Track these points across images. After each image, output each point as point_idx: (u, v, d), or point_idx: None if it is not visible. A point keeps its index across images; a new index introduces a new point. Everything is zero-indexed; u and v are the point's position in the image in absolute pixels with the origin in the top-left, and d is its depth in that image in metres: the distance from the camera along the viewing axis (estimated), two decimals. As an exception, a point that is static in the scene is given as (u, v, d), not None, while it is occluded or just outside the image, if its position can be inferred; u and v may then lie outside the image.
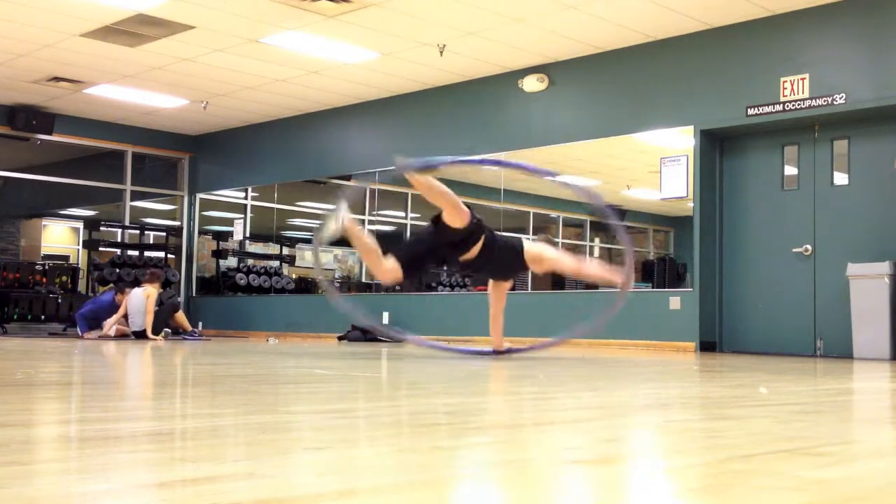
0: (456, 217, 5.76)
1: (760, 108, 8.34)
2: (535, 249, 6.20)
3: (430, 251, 6.03)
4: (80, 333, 10.37)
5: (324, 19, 8.62)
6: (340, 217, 5.83)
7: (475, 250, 5.91)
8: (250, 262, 13.48)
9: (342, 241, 6.51)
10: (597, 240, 10.40)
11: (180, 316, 10.56)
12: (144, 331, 10.13)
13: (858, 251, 7.82)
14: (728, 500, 1.33)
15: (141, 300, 10.19)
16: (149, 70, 10.56)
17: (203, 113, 12.42)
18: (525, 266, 6.27)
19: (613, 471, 1.64)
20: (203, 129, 13.67)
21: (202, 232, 14.12)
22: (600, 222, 10.65)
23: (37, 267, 12.53)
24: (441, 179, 6.10)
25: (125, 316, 10.35)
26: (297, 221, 14.96)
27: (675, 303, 8.78)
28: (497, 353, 6.53)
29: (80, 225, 16.45)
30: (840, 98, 7.90)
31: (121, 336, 10.32)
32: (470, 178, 11.41)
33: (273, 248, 13.94)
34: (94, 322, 10.56)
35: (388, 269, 5.87)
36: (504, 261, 6.16)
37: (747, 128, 8.60)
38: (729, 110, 8.57)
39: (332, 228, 5.85)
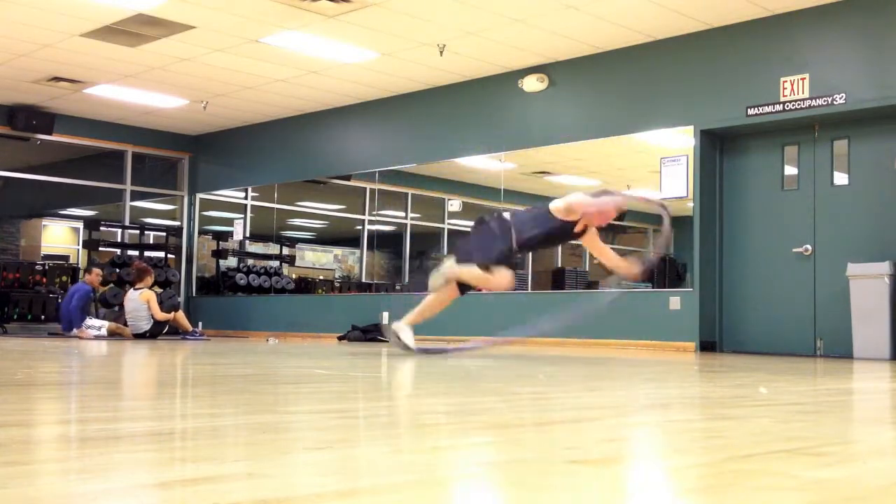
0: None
1: (760, 108, 8.34)
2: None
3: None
4: (76, 329, 10.33)
5: (324, 19, 8.62)
6: (444, 271, 6.06)
7: None
8: (250, 262, 13.48)
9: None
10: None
11: (180, 316, 10.55)
12: (146, 333, 10.14)
13: (858, 251, 7.82)
14: (728, 500, 1.33)
15: (137, 305, 10.16)
16: (149, 70, 10.56)
17: (203, 113, 12.42)
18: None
19: (613, 471, 1.64)
20: (203, 129, 13.67)
21: (202, 232, 14.12)
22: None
23: (37, 267, 12.52)
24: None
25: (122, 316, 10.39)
26: (297, 221, 14.97)
27: (675, 303, 8.78)
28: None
29: (80, 225, 16.43)
30: (840, 98, 7.90)
31: (115, 335, 10.31)
32: (467, 178, 11.42)
33: (273, 248, 13.94)
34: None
35: (505, 276, 6.05)
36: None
37: (747, 128, 8.59)
38: (729, 110, 8.56)
39: (438, 281, 6.11)
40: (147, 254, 13.23)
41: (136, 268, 10.53)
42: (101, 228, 13.56)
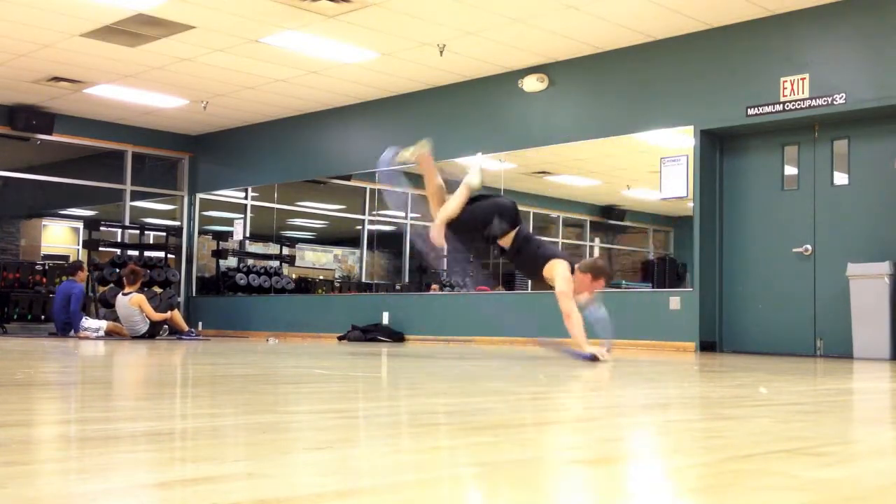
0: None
1: (760, 108, 8.34)
2: (550, 275, 6.21)
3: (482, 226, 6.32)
4: (77, 331, 10.35)
5: (324, 19, 8.62)
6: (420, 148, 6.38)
7: (508, 240, 6.30)
8: (250, 262, 13.48)
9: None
10: (597, 239, 10.40)
11: (176, 315, 10.54)
12: (145, 335, 10.13)
13: (858, 251, 7.82)
14: (728, 500, 1.33)
15: (130, 311, 10.14)
16: (149, 70, 10.56)
17: (203, 113, 12.42)
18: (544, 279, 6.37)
19: (613, 471, 1.64)
20: (203, 129, 13.67)
21: (202, 232, 14.12)
22: (601, 222, 10.65)
23: (37, 267, 12.51)
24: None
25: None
26: (297, 221, 14.97)
27: (675, 303, 8.77)
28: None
29: (80, 225, 16.44)
30: (840, 98, 7.90)
31: (112, 335, 10.31)
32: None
33: (273, 248, 13.94)
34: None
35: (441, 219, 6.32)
36: (525, 264, 6.56)
37: (747, 128, 8.59)
38: (729, 110, 8.56)
39: (408, 154, 6.48)
40: (147, 254, 13.23)
41: (130, 269, 10.50)
42: (101, 228, 13.55)
